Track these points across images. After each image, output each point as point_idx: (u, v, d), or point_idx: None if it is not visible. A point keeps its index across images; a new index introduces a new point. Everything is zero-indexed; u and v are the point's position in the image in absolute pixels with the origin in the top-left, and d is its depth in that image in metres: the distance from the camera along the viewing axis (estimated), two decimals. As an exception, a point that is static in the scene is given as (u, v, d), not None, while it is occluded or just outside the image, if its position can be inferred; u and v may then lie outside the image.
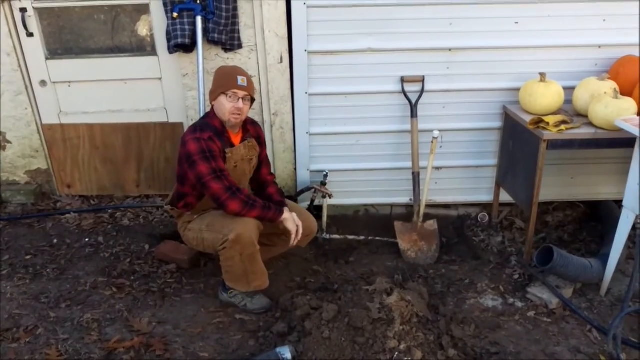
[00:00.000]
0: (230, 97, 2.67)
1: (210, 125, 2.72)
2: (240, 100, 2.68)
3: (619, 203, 3.09)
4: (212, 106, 2.77)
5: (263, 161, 3.02)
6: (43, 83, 3.58)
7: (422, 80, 3.36)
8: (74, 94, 3.60)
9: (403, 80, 3.36)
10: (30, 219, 3.62)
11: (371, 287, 2.69)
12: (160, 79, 3.55)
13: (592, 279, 2.99)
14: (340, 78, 3.36)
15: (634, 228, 2.71)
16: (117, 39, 3.47)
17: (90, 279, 3.04)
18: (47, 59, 3.52)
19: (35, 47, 3.48)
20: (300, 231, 2.79)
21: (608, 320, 2.77)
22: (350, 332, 2.45)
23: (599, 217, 3.66)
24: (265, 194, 2.99)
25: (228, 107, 2.68)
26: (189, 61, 3.38)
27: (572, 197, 3.70)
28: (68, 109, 3.64)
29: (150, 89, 3.58)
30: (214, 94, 2.72)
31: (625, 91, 3.03)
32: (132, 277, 3.09)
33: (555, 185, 3.61)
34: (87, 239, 3.43)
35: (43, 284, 2.99)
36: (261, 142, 2.98)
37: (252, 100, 2.78)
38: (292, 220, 2.77)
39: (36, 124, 3.66)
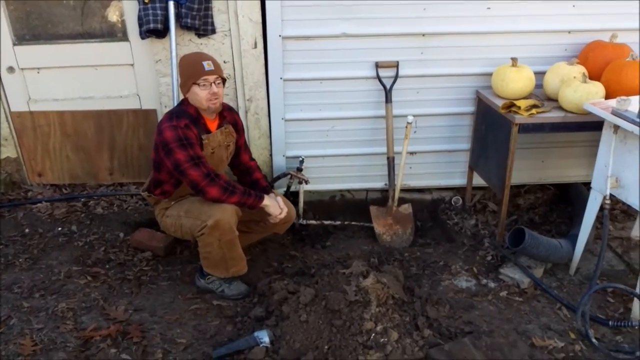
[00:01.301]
0: (202, 85, 2.64)
1: (186, 113, 2.70)
2: (213, 84, 2.66)
3: (587, 185, 3.16)
4: (186, 97, 2.74)
5: (242, 147, 3.02)
6: (11, 69, 3.49)
7: (396, 65, 3.37)
8: (43, 81, 3.52)
9: (378, 65, 3.37)
10: (0, 209, 3.54)
11: (347, 270, 2.71)
12: (132, 65, 3.50)
13: (561, 258, 3.06)
14: (315, 63, 3.35)
15: (601, 209, 2.78)
16: (87, 24, 3.40)
17: (64, 268, 3.00)
18: (14, 44, 3.43)
19: (1, 32, 3.38)
20: (284, 214, 2.81)
21: (577, 299, 2.84)
22: (328, 315, 2.48)
23: (568, 199, 3.74)
24: (251, 180, 3.00)
25: (203, 95, 2.65)
26: (162, 47, 3.33)
27: (542, 180, 3.78)
28: (37, 96, 3.57)
29: (122, 75, 3.52)
30: (186, 87, 2.69)
31: (594, 75, 3.09)
32: (107, 266, 3.06)
33: (527, 168, 3.68)
34: (59, 228, 3.37)
35: (15, 274, 2.94)
36: (238, 129, 2.96)
37: (224, 80, 2.76)
38: (274, 205, 2.79)
39: (4, 111, 3.58)
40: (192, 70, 2.65)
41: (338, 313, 2.48)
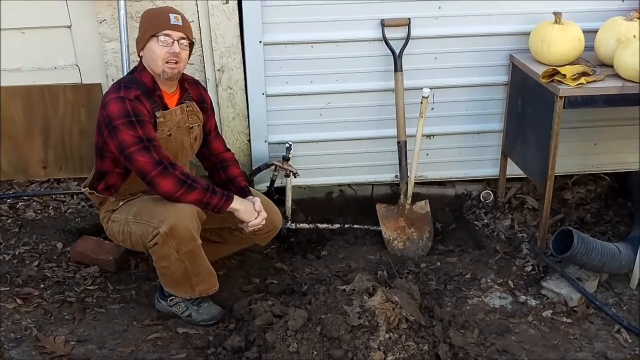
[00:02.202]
0: (162, 40, 2.63)
1: (138, 82, 2.69)
2: (176, 43, 2.64)
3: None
4: (140, 58, 2.74)
5: (212, 132, 3.01)
6: None
7: (407, 23, 3.36)
8: (-45, 49, 3.49)
9: (384, 24, 3.35)
10: None
11: (349, 286, 2.71)
12: (69, 27, 3.47)
13: (620, 268, 3.07)
14: (304, 22, 3.33)
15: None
16: (9, -26, 3.37)
17: (-14, 289, 2.99)
18: None
19: None
20: (261, 220, 2.77)
21: (640, 318, 2.87)
22: (324, 344, 2.47)
23: (628, 192, 3.75)
24: (226, 177, 2.97)
25: (161, 53, 2.64)
26: (107, 3, 3.30)
27: (595, 169, 3.78)
28: (-53, 69, 3.54)
29: (57, 40, 3.49)
30: (142, 41, 2.68)
31: (659, 34, 3.09)
32: (42, 285, 3.05)
33: (575, 153, 3.68)
34: (-21, 238, 3.36)
35: None
36: (207, 108, 2.95)
37: (191, 45, 2.74)
38: (246, 211, 2.75)
39: None
40: (153, 21, 2.66)
41: (337, 341, 2.47)
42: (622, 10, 3.35)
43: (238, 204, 2.72)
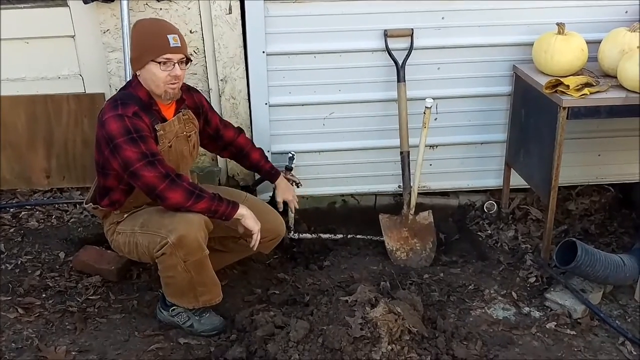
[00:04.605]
0: (164, 64, 2.63)
1: (134, 97, 2.69)
2: (177, 65, 2.65)
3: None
4: (136, 75, 2.73)
5: (220, 125, 3.08)
6: None
7: (410, 34, 3.36)
8: (-41, 58, 3.51)
9: (387, 34, 3.36)
10: None
11: (351, 297, 2.70)
12: (73, 36, 3.48)
13: (625, 279, 3.06)
14: (307, 33, 3.34)
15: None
16: (13, -17, 3.40)
17: (-12, 298, 2.99)
18: None
19: None
20: (257, 234, 2.78)
21: (645, 330, 2.85)
22: (326, 355, 2.47)
23: (632, 203, 3.74)
24: (250, 164, 3.19)
25: (162, 77, 2.64)
26: (111, 13, 3.32)
27: (599, 179, 3.77)
28: (-48, 78, 3.56)
29: (60, 50, 3.51)
30: (140, 62, 2.66)
31: (663, 45, 3.09)
32: (44, 295, 3.05)
33: (579, 164, 3.67)
34: (-19, 248, 3.37)
35: None
36: (205, 110, 2.98)
37: (188, 61, 2.75)
38: (252, 217, 2.76)
39: None
40: (153, 42, 2.64)
41: (339, 353, 2.46)
42: (625, 21, 3.35)
43: (244, 210, 2.74)
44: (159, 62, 2.62)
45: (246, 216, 2.74)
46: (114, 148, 2.60)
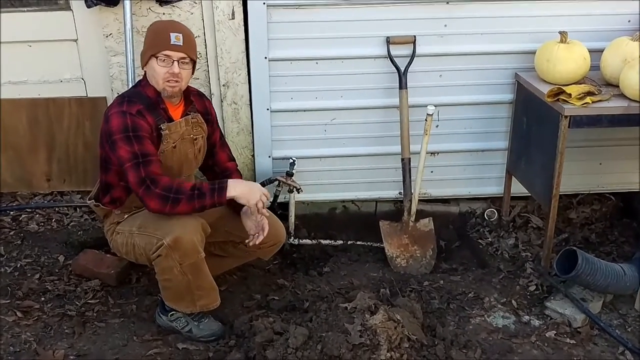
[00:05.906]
0: (162, 60, 2.65)
1: (142, 95, 2.71)
2: (176, 63, 2.65)
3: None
4: (145, 72, 2.76)
5: (218, 144, 3.03)
6: None
7: (413, 41, 3.37)
8: (-38, 61, 3.52)
9: (389, 41, 3.36)
10: None
11: (351, 304, 2.70)
12: (75, 40, 3.49)
13: (625, 288, 3.05)
14: (309, 39, 3.35)
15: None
16: (17, -12, 3.41)
17: (-13, 301, 2.99)
18: None
19: None
20: (266, 228, 2.78)
21: (645, 340, 2.84)
22: (325, 362, 2.46)
23: (633, 212, 3.73)
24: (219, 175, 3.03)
25: (161, 72, 2.66)
26: (113, 17, 3.33)
27: (600, 188, 3.77)
28: (-46, 81, 3.56)
29: (63, 53, 3.52)
30: (144, 58, 2.71)
31: (665, 54, 3.09)
32: (43, 298, 3.05)
33: (580, 173, 3.67)
34: (-20, 250, 3.37)
35: None
36: (211, 120, 2.97)
37: (194, 63, 2.76)
38: (245, 194, 2.66)
39: None
40: (155, 39, 2.68)
41: (338, 359, 2.45)
42: (628, 30, 3.35)
43: (234, 191, 2.65)
44: (157, 58, 2.65)
45: (239, 196, 2.66)
46: (112, 144, 2.63)
